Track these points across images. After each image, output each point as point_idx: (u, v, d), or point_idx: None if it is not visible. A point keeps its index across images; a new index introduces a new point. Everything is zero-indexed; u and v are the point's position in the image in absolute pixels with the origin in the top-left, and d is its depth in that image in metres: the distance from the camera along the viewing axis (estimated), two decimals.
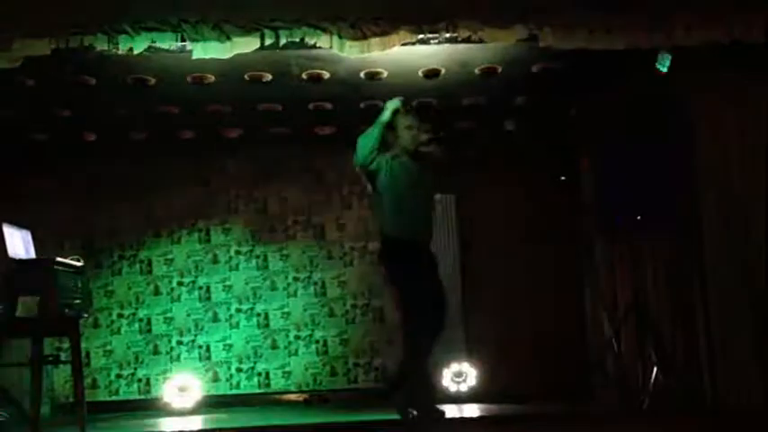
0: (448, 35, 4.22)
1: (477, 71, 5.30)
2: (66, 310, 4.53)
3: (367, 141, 4.42)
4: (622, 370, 5.17)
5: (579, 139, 6.09)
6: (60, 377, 6.42)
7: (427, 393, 4.39)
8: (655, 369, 4.56)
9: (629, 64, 4.71)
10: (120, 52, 4.18)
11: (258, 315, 6.93)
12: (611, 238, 5.40)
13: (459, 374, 6.43)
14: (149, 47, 4.18)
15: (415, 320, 4.32)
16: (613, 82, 5.29)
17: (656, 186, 4.57)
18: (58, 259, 4.57)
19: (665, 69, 4.64)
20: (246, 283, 6.98)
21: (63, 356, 5.31)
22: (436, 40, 4.29)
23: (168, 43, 4.18)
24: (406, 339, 4.37)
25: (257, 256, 7.02)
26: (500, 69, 5.28)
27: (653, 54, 4.56)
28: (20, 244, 4.65)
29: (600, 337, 5.91)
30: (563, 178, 5.36)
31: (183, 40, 4.16)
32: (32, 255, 4.73)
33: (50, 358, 4.93)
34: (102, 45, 4.12)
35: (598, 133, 4.64)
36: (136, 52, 4.16)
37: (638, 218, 4.55)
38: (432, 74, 5.30)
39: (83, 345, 5.36)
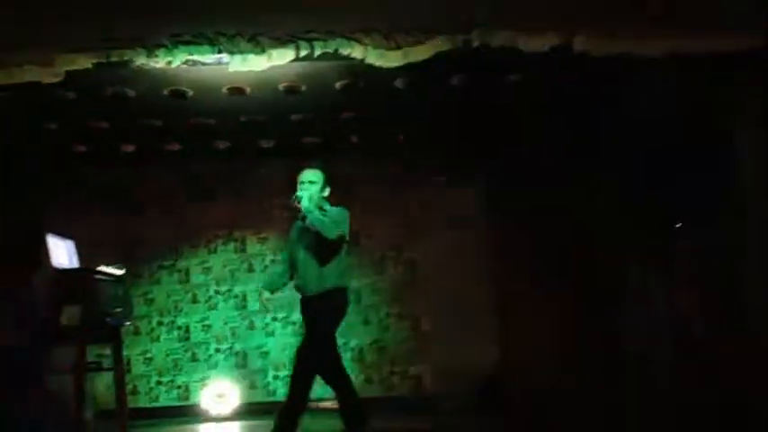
0: (481, 43, 4.21)
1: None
2: (108, 319, 4.63)
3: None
4: (658, 383, 5.07)
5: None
6: (102, 383, 6.52)
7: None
8: (696, 382, 4.46)
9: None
10: (158, 66, 4.27)
11: (293, 323, 6.99)
12: (647, 242, 5.32)
13: (485, 386, 6.37)
14: (187, 60, 4.26)
15: None
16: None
17: (697, 188, 4.48)
18: (101, 268, 4.67)
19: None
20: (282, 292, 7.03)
21: (105, 363, 5.41)
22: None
23: (205, 56, 4.25)
24: None
25: None
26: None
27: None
28: (64, 254, 4.77)
29: (635, 348, 5.81)
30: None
31: (219, 53, 4.23)
32: (76, 264, 4.84)
33: (93, 365, 5.03)
34: (141, 59, 4.20)
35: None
36: (174, 65, 4.24)
37: (677, 223, 4.46)
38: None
39: (124, 352, 5.48)
